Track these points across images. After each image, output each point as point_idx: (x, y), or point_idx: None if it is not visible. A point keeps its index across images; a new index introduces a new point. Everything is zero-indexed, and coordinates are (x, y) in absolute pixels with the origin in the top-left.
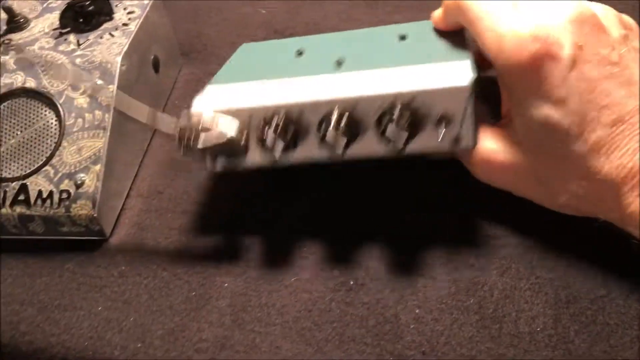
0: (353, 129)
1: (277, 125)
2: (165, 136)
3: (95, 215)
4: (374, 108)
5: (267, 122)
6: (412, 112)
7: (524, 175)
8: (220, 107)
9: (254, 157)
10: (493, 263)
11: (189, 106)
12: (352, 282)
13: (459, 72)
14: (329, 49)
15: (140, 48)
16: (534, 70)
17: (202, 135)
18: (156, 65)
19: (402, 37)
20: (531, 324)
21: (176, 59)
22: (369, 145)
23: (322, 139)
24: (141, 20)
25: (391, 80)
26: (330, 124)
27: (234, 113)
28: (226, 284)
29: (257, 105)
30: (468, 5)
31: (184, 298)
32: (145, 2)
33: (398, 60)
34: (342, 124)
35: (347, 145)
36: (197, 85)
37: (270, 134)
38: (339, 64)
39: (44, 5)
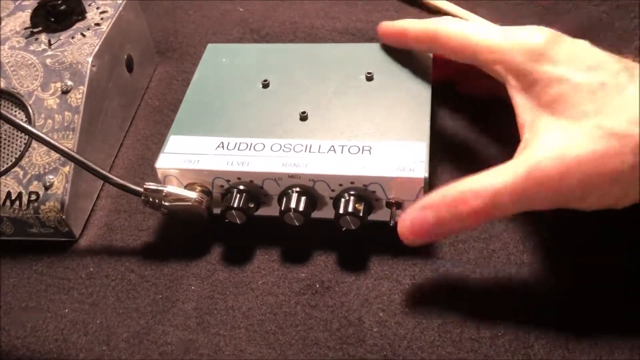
0: (311, 204)
1: (239, 192)
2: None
3: (63, 217)
4: (330, 188)
5: (229, 189)
6: (365, 195)
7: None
8: (183, 167)
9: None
10: (457, 267)
11: (160, 106)
12: (317, 285)
13: (414, 160)
14: (293, 85)
15: (112, 48)
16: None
17: (167, 201)
18: (130, 65)
19: (369, 78)
20: (492, 329)
21: (151, 58)
22: (328, 214)
23: (281, 213)
24: (114, 20)
25: (349, 160)
26: (289, 201)
27: (197, 173)
28: (193, 287)
29: (220, 169)
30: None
31: (150, 300)
32: (119, 1)
33: (359, 130)
34: (301, 204)
35: (307, 216)
36: (171, 84)
37: (232, 199)
38: (303, 118)
39: (17, 3)
